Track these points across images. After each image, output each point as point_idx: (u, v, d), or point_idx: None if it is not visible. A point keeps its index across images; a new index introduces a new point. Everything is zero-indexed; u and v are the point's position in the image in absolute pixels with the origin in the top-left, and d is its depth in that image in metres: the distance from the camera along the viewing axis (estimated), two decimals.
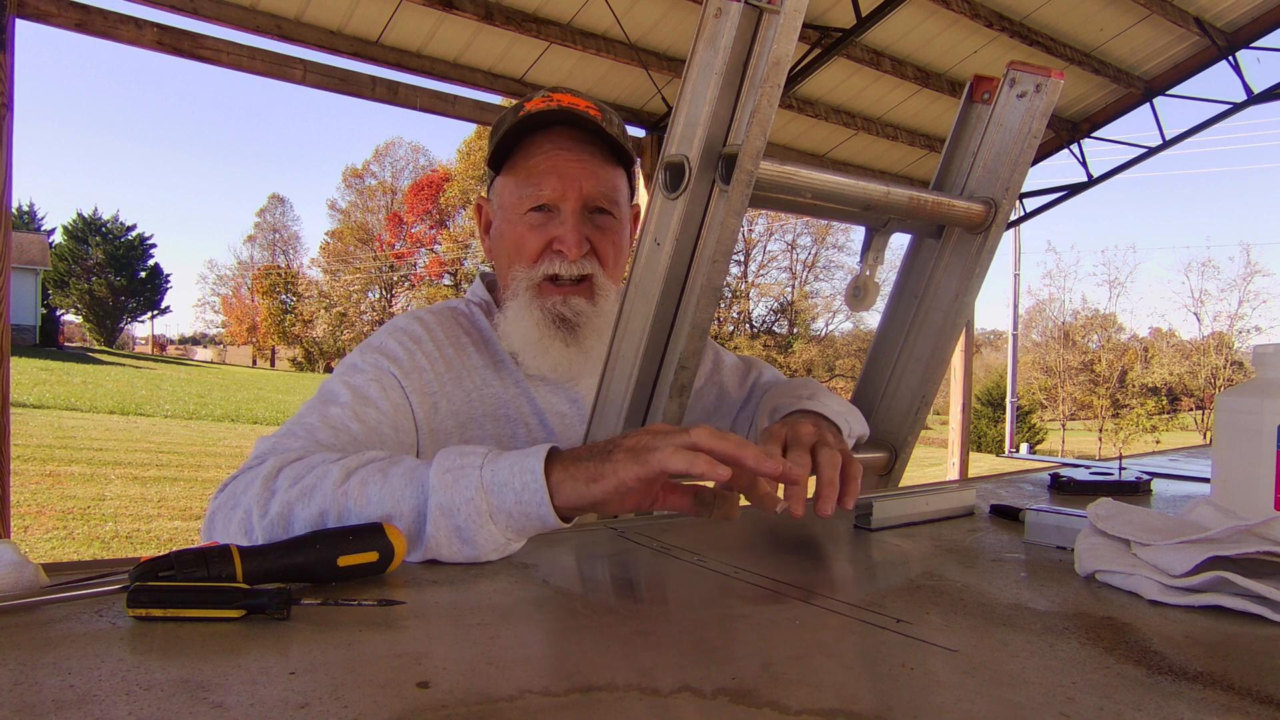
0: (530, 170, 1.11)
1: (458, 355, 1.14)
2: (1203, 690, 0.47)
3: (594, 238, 1.12)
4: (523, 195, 1.12)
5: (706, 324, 0.95)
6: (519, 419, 1.13)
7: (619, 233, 1.15)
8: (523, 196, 1.12)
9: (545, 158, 1.10)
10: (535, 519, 0.70)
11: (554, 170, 1.10)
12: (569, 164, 1.10)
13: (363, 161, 49.51)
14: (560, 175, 1.10)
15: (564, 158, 1.10)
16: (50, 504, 6.84)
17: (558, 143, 1.11)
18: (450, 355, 1.13)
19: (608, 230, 1.13)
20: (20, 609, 0.53)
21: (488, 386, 1.14)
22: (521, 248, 1.12)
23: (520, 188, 1.12)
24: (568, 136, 1.11)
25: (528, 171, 1.11)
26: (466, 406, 1.11)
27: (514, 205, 1.13)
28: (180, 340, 59.03)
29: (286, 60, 4.44)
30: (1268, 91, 6.23)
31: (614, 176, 1.14)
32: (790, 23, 0.87)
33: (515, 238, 1.13)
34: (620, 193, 1.15)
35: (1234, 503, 0.84)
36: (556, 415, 1.16)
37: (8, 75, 3.53)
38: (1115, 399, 25.54)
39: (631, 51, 5.04)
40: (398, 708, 0.41)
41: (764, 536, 0.86)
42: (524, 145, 1.13)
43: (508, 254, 1.15)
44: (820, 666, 0.49)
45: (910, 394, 1.23)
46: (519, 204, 1.12)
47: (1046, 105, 1.13)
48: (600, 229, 1.13)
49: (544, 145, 1.11)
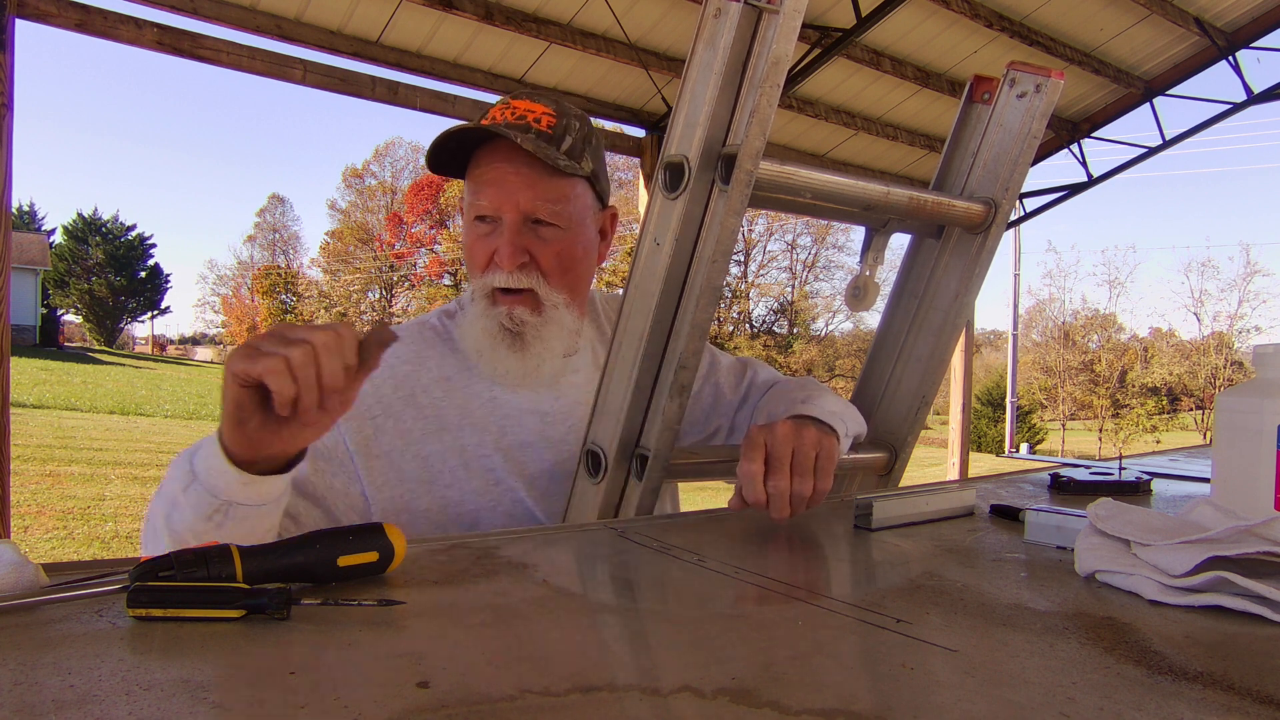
0: (476, 180, 1.12)
1: (415, 371, 1.15)
2: (1203, 690, 0.47)
3: (535, 249, 1.11)
4: (470, 204, 1.13)
5: (706, 324, 0.95)
6: (485, 426, 1.14)
7: (568, 242, 1.13)
8: (470, 205, 1.13)
9: (488, 168, 1.11)
10: (211, 452, 0.80)
11: (492, 182, 1.10)
12: (507, 175, 1.09)
13: (363, 161, 49.50)
14: (498, 187, 1.10)
15: (503, 169, 1.09)
16: (50, 504, 6.84)
17: (501, 153, 1.10)
18: (405, 373, 1.14)
19: (551, 241, 1.12)
20: (20, 609, 0.53)
21: (450, 396, 1.14)
22: (472, 256, 1.15)
23: (469, 196, 1.14)
24: (513, 147, 1.10)
25: (474, 181, 1.13)
26: (420, 424, 1.12)
27: (467, 213, 1.15)
28: (180, 340, 59.00)
29: (286, 60, 4.44)
30: (1268, 91, 6.23)
31: (561, 187, 1.11)
32: (790, 23, 0.87)
33: (468, 246, 1.16)
34: (569, 202, 1.12)
35: (1234, 503, 0.84)
36: (535, 414, 1.16)
37: (8, 75, 3.53)
38: (1115, 399, 25.55)
39: (631, 51, 5.04)
40: (398, 708, 0.41)
41: (764, 536, 0.86)
42: (476, 153, 1.13)
43: (466, 261, 1.18)
44: (820, 666, 0.49)
45: (910, 394, 1.23)
46: (469, 212, 1.14)
47: (1046, 105, 1.13)
48: (543, 240, 1.11)
49: (488, 155, 1.11)
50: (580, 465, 1.04)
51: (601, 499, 1.01)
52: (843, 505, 1.02)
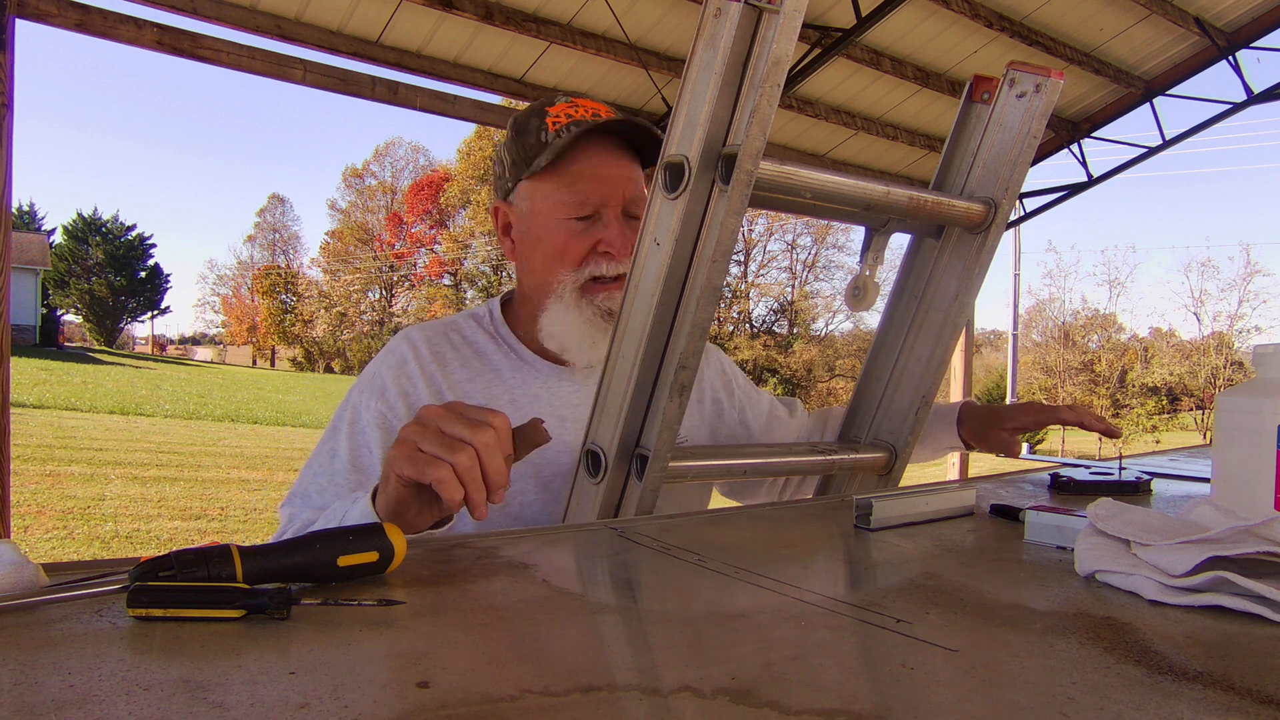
0: (575, 176, 1.15)
1: (440, 372, 1.18)
2: (1203, 690, 0.47)
3: (631, 240, 1.16)
4: (564, 201, 1.15)
5: (706, 324, 0.95)
6: None
7: None
8: (564, 203, 1.15)
9: (588, 163, 1.15)
10: None
11: (598, 176, 1.15)
12: (610, 169, 1.16)
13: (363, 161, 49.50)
14: (605, 182, 1.15)
15: (607, 162, 1.16)
16: (50, 504, 6.84)
17: (598, 149, 1.16)
18: (432, 372, 1.17)
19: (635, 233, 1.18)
20: (20, 609, 0.53)
21: (472, 399, 1.16)
22: (565, 252, 1.16)
23: (561, 193, 1.15)
24: (607, 143, 1.16)
25: (572, 178, 1.15)
26: None
27: (553, 210, 1.16)
28: (180, 340, 59.03)
29: (286, 60, 4.44)
30: (1268, 91, 6.23)
31: (643, 181, 1.18)
32: (790, 23, 0.87)
33: (557, 243, 1.16)
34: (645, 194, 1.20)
35: (1234, 503, 0.84)
36: (555, 418, 1.17)
37: (8, 75, 3.53)
38: (1115, 399, 25.53)
39: (631, 51, 5.04)
40: (398, 708, 0.41)
41: (764, 536, 0.86)
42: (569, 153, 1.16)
43: (545, 258, 1.18)
44: (820, 666, 0.49)
45: (910, 394, 1.22)
46: (559, 209, 1.15)
47: (1046, 105, 1.13)
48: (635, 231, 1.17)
49: (584, 152, 1.15)
50: (580, 465, 1.04)
51: (601, 499, 1.01)
52: (843, 505, 1.02)
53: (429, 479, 0.72)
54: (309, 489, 1.11)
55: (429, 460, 0.73)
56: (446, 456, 0.72)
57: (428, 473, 0.72)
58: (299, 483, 1.12)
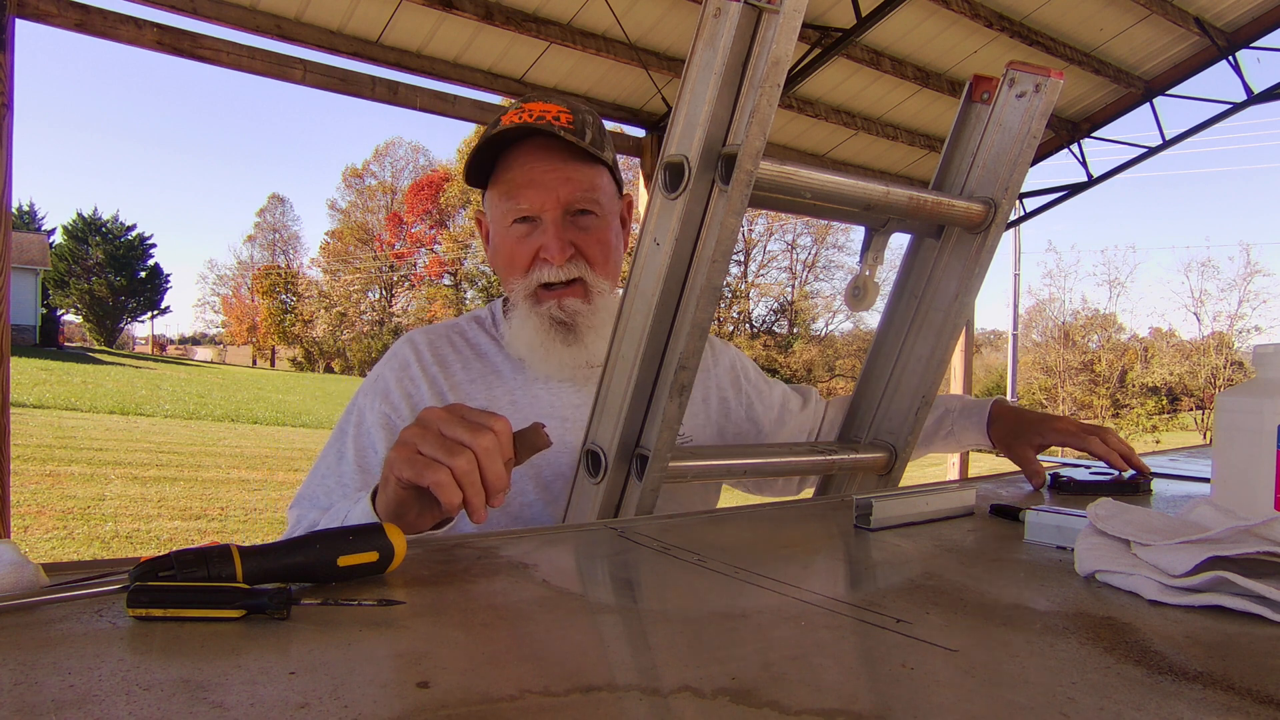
0: (509, 184, 1.14)
1: (442, 374, 1.18)
2: (1203, 690, 0.47)
3: (578, 240, 1.14)
4: (506, 209, 1.15)
5: (706, 324, 0.95)
6: None
7: (605, 229, 1.18)
8: (506, 210, 1.15)
9: (521, 170, 1.13)
10: None
11: (530, 182, 1.12)
12: (544, 173, 1.12)
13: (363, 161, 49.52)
14: (537, 185, 1.12)
15: (538, 168, 1.13)
16: (50, 504, 6.85)
17: (532, 153, 1.13)
18: (434, 374, 1.18)
19: (592, 230, 1.16)
20: (20, 609, 0.53)
21: (474, 401, 1.16)
22: (513, 260, 1.16)
23: (503, 202, 1.15)
24: (540, 145, 1.13)
25: (507, 185, 1.14)
26: None
27: (500, 219, 1.17)
28: (180, 340, 59.02)
29: (286, 60, 4.43)
30: (1268, 91, 6.22)
31: (592, 176, 1.15)
32: (790, 23, 0.87)
33: (506, 251, 1.17)
34: (601, 190, 1.16)
35: (1234, 503, 0.84)
36: (556, 419, 1.17)
37: (8, 75, 3.53)
38: (1115, 399, 25.52)
39: (631, 51, 5.04)
40: (398, 708, 0.41)
41: (764, 536, 0.86)
42: (502, 159, 1.16)
43: (503, 267, 1.19)
44: (820, 666, 0.49)
45: (910, 394, 1.22)
46: (504, 217, 1.16)
47: (1046, 105, 1.13)
48: (584, 230, 1.15)
49: (519, 157, 1.14)
50: (580, 465, 1.04)
51: (601, 499, 1.01)
52: (843, 505, 1.02)
53: (427, 482, 0.72)
54: (316, 491, 1.11)
55: (428, 463, 0.73)
56: (445, 460, 0.72)
57: (426, 476, 0.72)
58: (306, 485, 1.13)
